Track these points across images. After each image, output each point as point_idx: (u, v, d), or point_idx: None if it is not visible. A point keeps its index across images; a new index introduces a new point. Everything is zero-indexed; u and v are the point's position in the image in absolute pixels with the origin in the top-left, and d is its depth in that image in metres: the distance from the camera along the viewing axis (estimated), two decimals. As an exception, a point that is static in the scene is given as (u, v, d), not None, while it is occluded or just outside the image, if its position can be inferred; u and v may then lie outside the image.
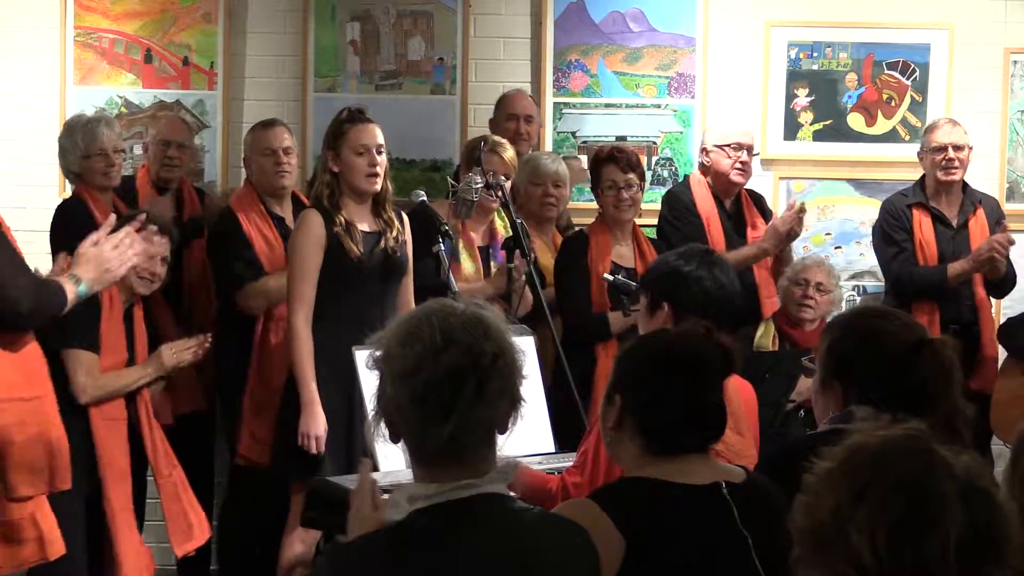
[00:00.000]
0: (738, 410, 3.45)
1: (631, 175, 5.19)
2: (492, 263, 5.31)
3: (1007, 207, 6.31)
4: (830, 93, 6.35)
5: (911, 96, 6.33)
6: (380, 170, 4.70)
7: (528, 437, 4.03)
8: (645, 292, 3.60)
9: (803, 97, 6.35)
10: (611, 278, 4.91)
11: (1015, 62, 6.34)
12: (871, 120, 6.30)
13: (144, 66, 6.26)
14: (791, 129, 6.35)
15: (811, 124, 6.35)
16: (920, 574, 1.64)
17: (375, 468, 3.99)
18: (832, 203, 6.35)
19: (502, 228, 5.32)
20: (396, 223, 4.76)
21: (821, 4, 6.36)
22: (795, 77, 6.34)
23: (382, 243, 4.71)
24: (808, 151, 6.36)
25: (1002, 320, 6.04)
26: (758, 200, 5.82)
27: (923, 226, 5.73)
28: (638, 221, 5.45)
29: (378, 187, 4.71)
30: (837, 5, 6.36)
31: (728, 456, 3.09)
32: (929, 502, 1.66)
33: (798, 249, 6.28)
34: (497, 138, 5.40)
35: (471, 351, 2.10)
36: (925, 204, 5.76)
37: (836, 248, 6.36)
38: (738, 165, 5.63)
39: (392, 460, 3.65)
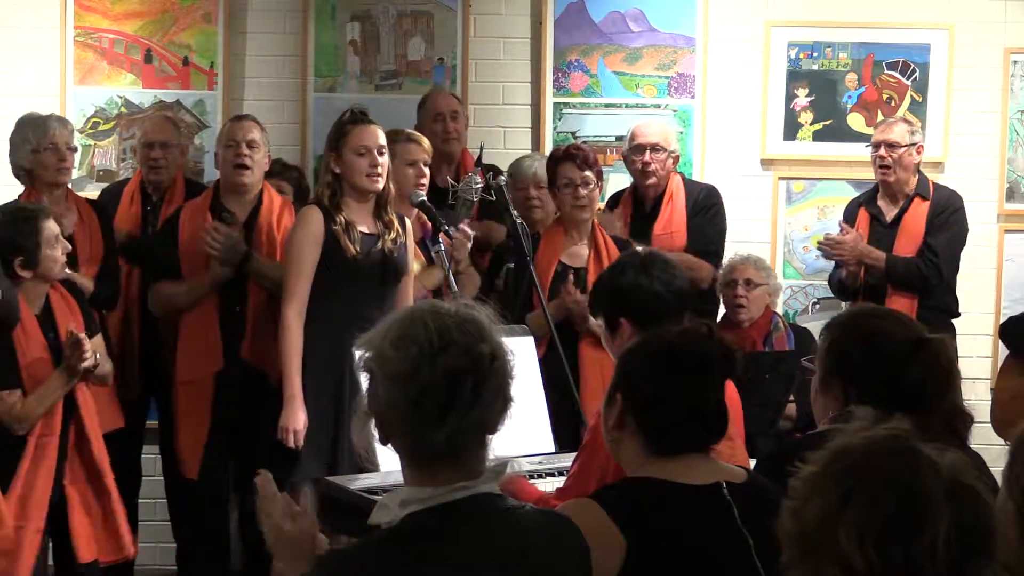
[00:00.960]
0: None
1: (587, 172, 5.12)
2: (432, 252, 5.19)
3: (1007, 207, 6.32)
4: (830, 93, 6.35)
5: (911, 96, 6.33)
6: (382, 170, 4.71)
7: (528, 437, 4.03)
8: (600, 314, 3.58)
9: (803, 97, 6.35)
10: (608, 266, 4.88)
11: (1015, 62, 6.34)
12: (871, 120, 6.30)
13: (144, 66, 6.26)
14: (791, 129, 6.35)
15: (811, 124, 6.35)
16: (910, 574, 1.64)
17: (363, 468, 3.99)
18: (832, 203, 6.34)
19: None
20: (396, 225, 4.77)
21: (821, 4, 6.36)
22: (795, 77, 6.34)
23: (380, 244, 4.71)
24: (808, 151, 6.36)
25: (1003, 319, 6.05)
26: (693, 194, 5.72)
27: (860, 226, 5.76)
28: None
29: (380, 186, 4.71)
30: (837, 5, 6.36)
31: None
32: (917, 502, 1.66)
33: (798, 249, 6.29)
34: (407, 130, 5.26)
35: (469, 352, 2.09)
36: (869, 203, 5.81)
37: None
38: (640, 167, 5.61)
39: (393, 460, 3.64)
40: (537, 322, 4.79)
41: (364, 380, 2.17)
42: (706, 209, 5.68)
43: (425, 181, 5.00)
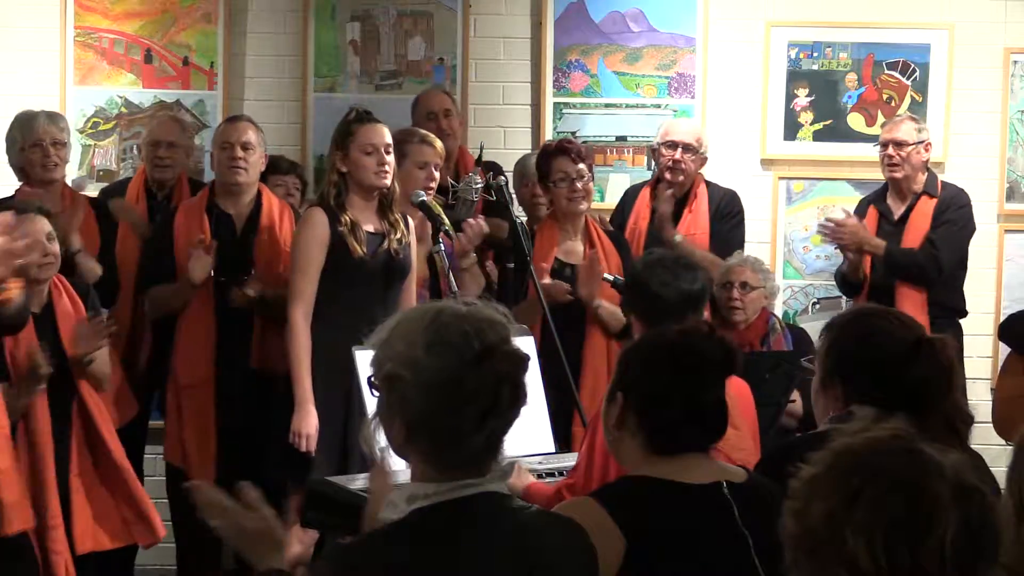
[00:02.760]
0: (730, 401, 3.44)
1: (581, 165, 5.12)
2: (435, 255, 5.17)
3: (1007, 207, 6.32)
4: (830, 93, 6.35)
5: (911, 96, 6.33)
6: (388, 169, 4.71)
7: (528, 437, 4.03)
8: (625, 312, 3.63)
9: (803, 97, 6.35)
10: (611, 278, 4.90)
11: (1015, 62, 6.34)
12: (871, 120, 6.30)
13: (144, 66, 6.26)
14: (791, 129, 6.35)
15: (811, 124, 6.35)
16: (917, 575, 1.64)
17: (364, 469, 3.99)
18: (832, 203, 6.34)
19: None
20: (401, 225, 4.77)
21: (821, 4, 6.36)
22: (795, 77, 6.34)
23: (385, 244, 4.71)
24: (808, 151, 6.36)
25: (1002, 318, 6.05)
26: (716, 196, 5.75)
27: (869, 223, 5.77)
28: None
29: (388, 182, 4.71)
30: (837, 5, 6.36)
31: (725, 450, 3.09)
32: (925, 502, 1.65)
33: (799, 249, 6.29)
34: (421, 130, 5.25)
35: (510, 357, 2.09)
36: (878, 201, 5.81)
37: (836, 248, 6.34)
38: (670, 163, 5.63)
39: (393, 460, 3.64)
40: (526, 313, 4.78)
41: (382, 387, 2.12)
42: (730, 216, 5.73)
43: (434, 184, 5.00)
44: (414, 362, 2.07)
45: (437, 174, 5.00)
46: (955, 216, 5.71)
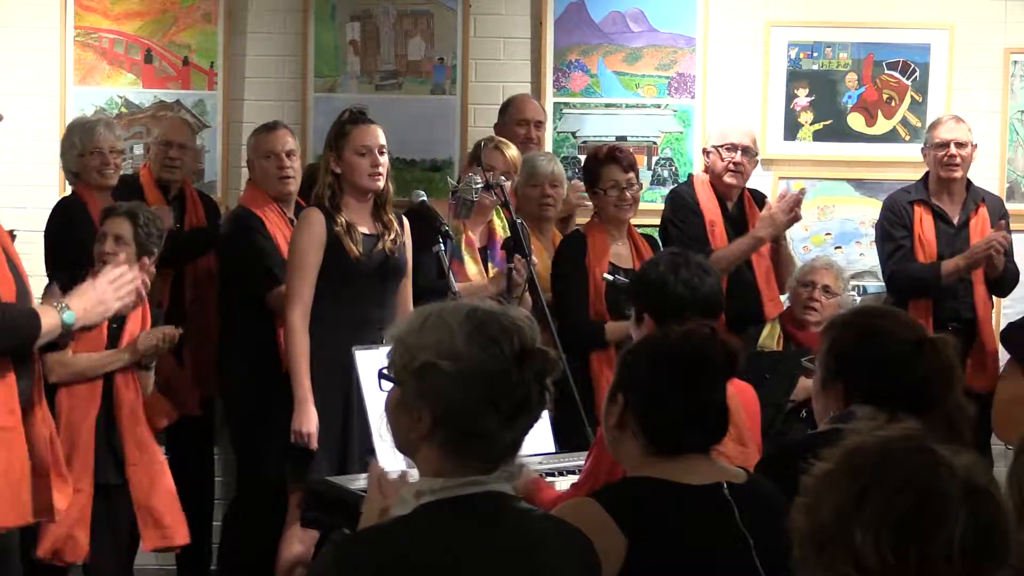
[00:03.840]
0: (739, 419, 3.43)
1: (631, 174, 5.22)
2: (490, 264, 5.29)
3: (1007, 207, 6.31)
4: (830, 93, 6.35)
5: (911, 96, 6.33)
6: (382, 170, 4.71)
7: (528, 437, 4.02)
8: (633, 306, 3.60)
9: (803, 97, 6.35)
10: (610, 278, 4.91)
11: (1015, 62, 6.34)
12: (871, 120, 6.30)
13: (144, 66, 6.26)
14: (791, 129, 6.35)
15: (811, 124, 6.35)
16: (924, 574, 1.64)
17: (363, 468, 3.99)
18: (832, 203, 6.35)
19: (500, 228, 5.32)
20: (395, 225, 4.77)
21: (821, 4, 6.36)
22: (795, 77, 6.34)
23: (380, 245, 4.71)
24: (808, 151, 6.36)
25: (1002, 320, 6.04)
26: (760, 200, 5.78)
27: (924, 223, 5.72)
28: (638, 220, 5.46)
29: (381, 184, 4.71)
30: (837, 5, 6.36)
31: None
32: (934, 501, 1.66)
33: (798, 249, 6.28)
34: (499, 137, 5.40)
35: (546, 358, 2.12)
36: (927, 201, 5.76)
37: (836, 248, 6.36)
38: (731, 166, 5.60)
39: (393, 460, 3.64)
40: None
41: (410, 378, 2.11)
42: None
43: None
44: (455, 353, 2.08)
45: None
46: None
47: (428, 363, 2.09)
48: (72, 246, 5.14)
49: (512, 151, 5.32)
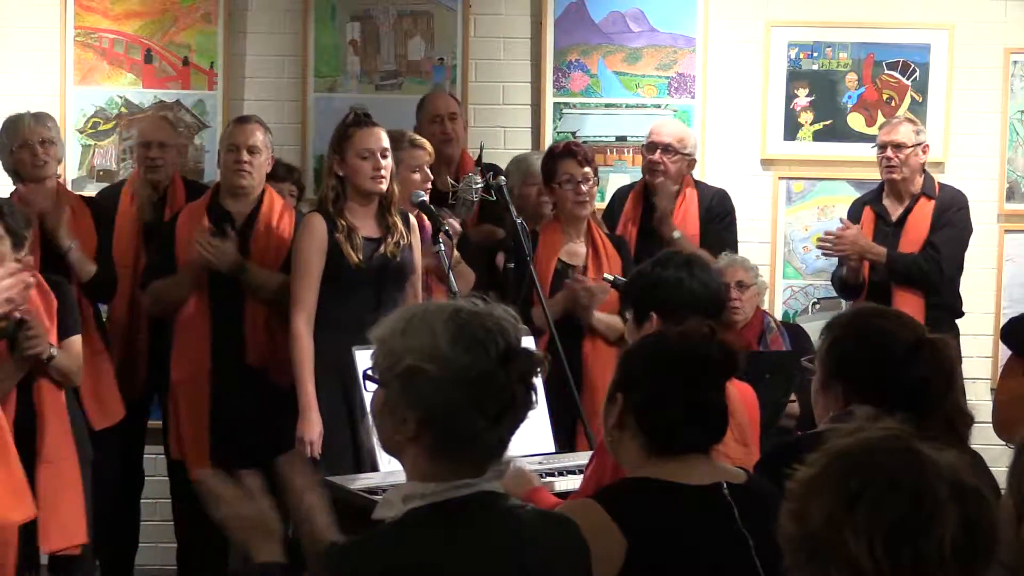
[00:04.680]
0: (742, 419, 3.46)
1: (587, 169, 5.16)
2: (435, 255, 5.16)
3: (1007, 207, 6.32)
4: (830, 93, 6.35)
5: (911, 96, 6.33)
6: (385, 173, 4.71)
7: (528, 437, 4.02)
8: (630, 307, 3.60)
9: (803, 97, 6.35)
10: (611, 278, 4.90)
11: (1015, 62, 6.34)
12: (871, 120, 6.30)
13: (144, 66, 6.26)
14: (791, 129, 6.35)
15: (811, 124, 6.35)
16: (918, 575, 1.64)
17: (375, 468, 4.00)
18: (832, 203, 6.34)
19: (426, 218, 5.19)
20: (400, 227, 4.77)
21: (821, 4, 6.36)
22: (795, 77, 6.34)
23: (383, 248, 4.71)
24: (808, 151, 6.35)
25: (1002, 319, 6.05)
26: (707, 197, 5.73)
27: (865, 224, 5.78)
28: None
29: (384, 187, 4.71)
30: (837, 5, 6.36)
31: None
32: (925, 502, 1.65)
33: (798, 249, 6.29)
34: (410, 134, 5.22)
35: (530, 358, 2.11)
36: (874, 202, 5.82)
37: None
38: (650, 164, 5.63)
39: (392, 460, 3.65)
40: (538, 320, 4.80)
41: (395, 381, 2.11)
42: (721, 216, 5.71)
43: (429, 185, 5.01)
44: (440, 356, 2.07)
45: (430, 174, 5.01)
46: (955, 218, 5.72)
47: (412, 367, 2.08)
48: None
49: (428, 144, 5.14)
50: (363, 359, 3.95)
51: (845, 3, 6.35)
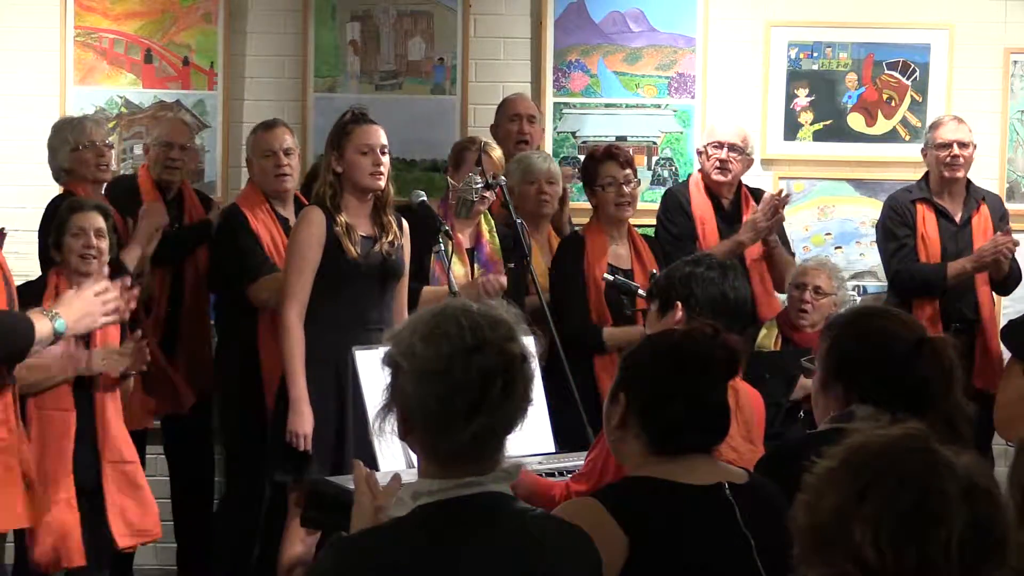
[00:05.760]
0: (750, 416, 3.48)
1: (628, 171, 5.23)
2: (476, 265, 5.24)
3: (1007, 207, 6.31)
4: (830, 93, 6.35)
5: (911, 96, 6.33)
6: (384, 170, 4.72)
7: (528, 437, 4.02)
8: (658, 296, 3.64)
9: (803, 97, 6.35)
10: (611, 278, 4.91)
11: (1015, 62, 6.34)
12: (871, 120, 6.30)
13: (144, 66, 6.26)
14: (791, 129, 6.35)
15: (811, 124, 6.35)
16: (922, 572, 1.65)
17: (374, 467, 3.99)
18: (832, 203, 6.35)
19: (487, 230, 5.29)
20: (394, 227, 4.77)
21: (821, 4, 6.36)
22: (795, 77, 6.34)
23: (378, 247, 4.71)
24: (808, 151, 6.36)
25: (1002, 319, 6.04)
26: (759, 198, 5.76)
27: (927, 221, 5.74)
28: (637, 220, 5.46)
29: (382, 183, 4.71)
30: (837, 5, 6.36)
31: (740, 464, 3.08)
32: (933, 500, 1.66)
33: (798, 249, 6.28)
34: (484, 139, 5.37)
35: (502, 352, 2.11)
36: (930, 199, 5.78)
37: (836, 248, 6.36)
38: (718, 163, 5.61)
39: (392, 459, 3.65)
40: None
41: (385, 374, 2.17)
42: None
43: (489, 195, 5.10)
44: (411, 351, 2.11)
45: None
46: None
47: (393, 361, 2.15)
48: None
49: (497, 152, 5.29)
50: (363, 359, 3.95)
51: (845, 3, 6.36)
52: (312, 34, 6.28)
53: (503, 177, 5.13)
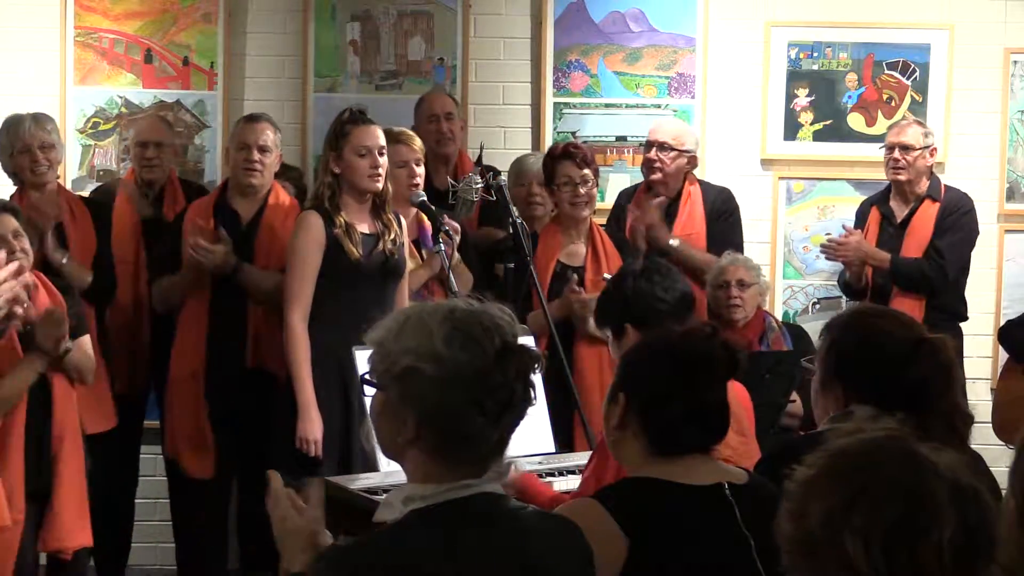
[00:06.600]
0: (737, 409, 3.46)
1: (586, 171, 5.16)
2: (424, 251, 5.17)
3: (1007, 207, 6.32)
4: (830, 93, 6.35)
5: (911, 96, 6.33)
6: (382, 171, 4.71)
7: (528, 437, 4.03)
8: (606, 325, 3.65)
9: (803, 97, 6.35)
10: (609, 278, 4.89)
11: (1015, 62, 6.34)
12: (871, 120, 6.30)
13: (144, 66, 6.26)
14: (791, 129, 6.35)
15: (811, 124, 6.35)
16: None
17: (375, 469, 3.99)
18: (832, 203, 6.35)
19: (425, 218, 5.18)
20: (395, 225, 4.77)
21: (821, 4, 6.36)
22: (795, 77, 6.34)
23: (380, 245, 4.71)
24: (808, 151, 6.35)
25: (1001, 320, 6.05)
26: (714, 199, 5.72)
27: (871, 225, 5.79)
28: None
29: (380, 185, 4.71)
30: (837, 5, 6.36)
31: (734, 459, 3.08)
32: (924, 504, 1.65)
33: (798, 249, 6.29)
34: (396, 129, 5.17)
35: (528, 354, 2.10)
36: (880, 202, 5.83)
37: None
38: (646, 162, 5.64)
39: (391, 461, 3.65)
40: (537, 321, 4.80)
41: (393, 383, 2.10)
42: (726, 215, 5.71)
43: (419, 180, 4.98)
44: (435, 356, 2.06)
45: (420, 169, 4.99)
46: (959, 222, 5.72)
47: (410, 367, 2.08)
48: None
49: (417, 141, 5.11)
50: (363, 360, 3.95)
51: (845, 3, 6.35)
52: (312, 34, 6.28)
53: (503, 178, 5.13)
